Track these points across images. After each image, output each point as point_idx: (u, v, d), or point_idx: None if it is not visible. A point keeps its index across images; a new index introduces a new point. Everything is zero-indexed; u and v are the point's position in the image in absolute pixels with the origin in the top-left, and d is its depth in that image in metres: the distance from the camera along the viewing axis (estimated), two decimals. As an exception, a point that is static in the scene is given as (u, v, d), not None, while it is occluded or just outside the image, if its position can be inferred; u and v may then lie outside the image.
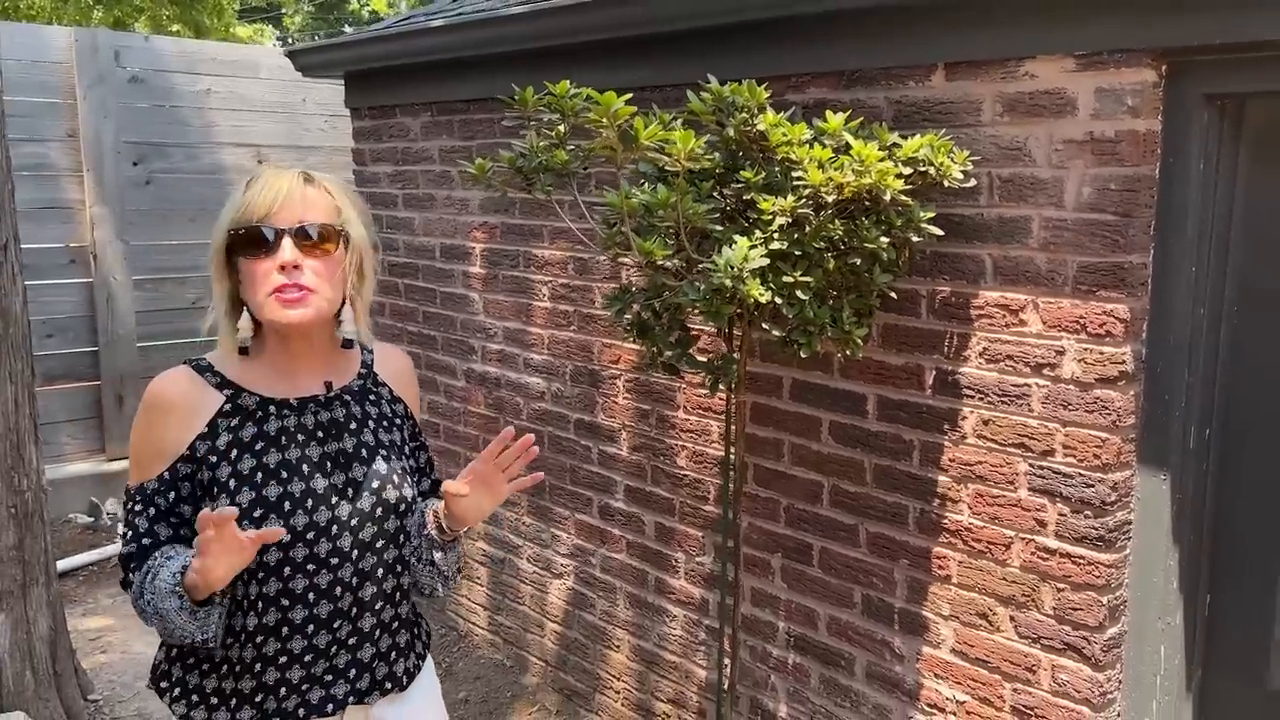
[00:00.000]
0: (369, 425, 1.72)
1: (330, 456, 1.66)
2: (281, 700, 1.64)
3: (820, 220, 1.92)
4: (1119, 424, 2.02)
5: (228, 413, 1.62)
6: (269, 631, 1.61)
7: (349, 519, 1.64)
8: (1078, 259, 2.03)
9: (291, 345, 1.65)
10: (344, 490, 1.65)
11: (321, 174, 1.67)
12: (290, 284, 1.56)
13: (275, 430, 1.63)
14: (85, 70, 5.26)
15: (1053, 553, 2.13)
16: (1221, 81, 1.90)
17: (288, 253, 1.55)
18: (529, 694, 3.58)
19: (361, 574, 1.66)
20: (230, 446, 1.60)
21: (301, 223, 1.58)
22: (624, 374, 3.11)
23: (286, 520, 1.59)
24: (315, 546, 1.61)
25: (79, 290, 5.35)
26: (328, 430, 1.67)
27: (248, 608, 1.61)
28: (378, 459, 1.70)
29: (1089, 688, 2.12)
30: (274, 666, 1.63)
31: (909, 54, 2.25)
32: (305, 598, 1.62)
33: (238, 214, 1.59)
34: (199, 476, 1.59)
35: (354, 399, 1.72)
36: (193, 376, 1.64)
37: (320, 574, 1.62)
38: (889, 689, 2.49)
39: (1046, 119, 2.05)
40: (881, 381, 2.40)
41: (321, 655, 1.65)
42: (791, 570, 2.67)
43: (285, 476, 1.61)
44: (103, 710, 3.54)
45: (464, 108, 3.57)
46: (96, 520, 5.25)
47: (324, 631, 1.64)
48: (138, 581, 1.58)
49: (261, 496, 1.58)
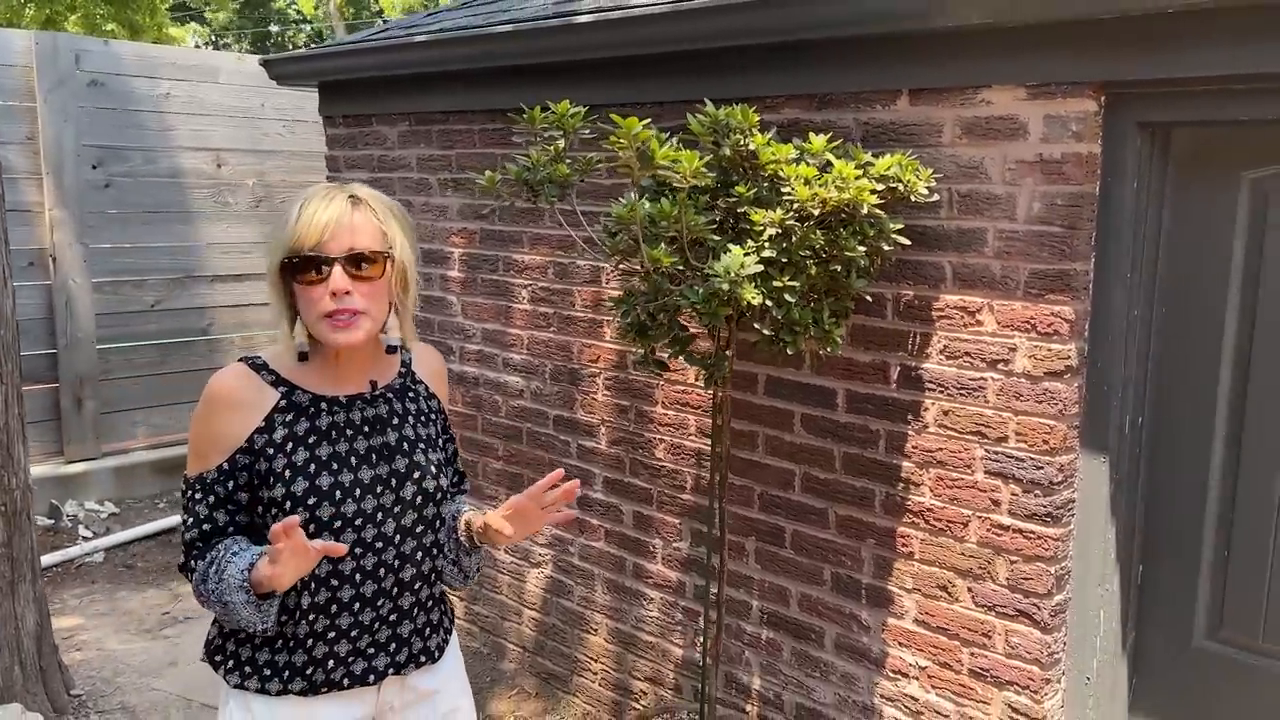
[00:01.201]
0: (409, 421, 1.88)
1: (375, 449, 1.82)
2: (330, 672, 1.79)
3: (805, 231, 2.14)
4: (1064, 412, 2.28)
5: (283, 408, 1.76)
6: (320, 609, 1.77)
7: (392, 507, 1.80)
8: (1028, 266, 2.28)
9: (340, 351, 1.79)
10: (388, 480, 1.81)
11: (367, 192, 1.79)
12: (341, 309, 1.69)
13: (326, 425, 1.78)
14: (45, 74, 5.27)
15: (1006, 529, 2.39)
16: (1152, 111, 2.17)
17: (338, 280, 1.69)
18: (507, 679, 3.75)
19: (402, 557, 1.83)
20: (286, 440, 1.74)
21: (351, 250, 1.70)
22: (603, 372, 3.31)
23: (338, 507, 1.74)
24: (362, 532, 1.77)
25: (38, 293, 5.35)
26: (373, 425, 1.83)
27: (300, 588, 1.75)
28: (417, 451, 1.86)
29: (1038, 649, 2.37)
30: (323, 641, 1.78)
31: (876, 80, 2.49)
32: (353, 578, 1.78)
33: (293, 240, 1.70)
34: (256, 467, 1.73)
35: (395, 396, 1.88)
36: (250, 374, 1.78)
37: (366, 557, 1.78)
38: (857, 658, 2.72)
39: (1001, 141, 2.30)
40: (850, 377, 2.64)
41: (366, 631, 1.81)
42: (765, 552, 2.90)
43: (336, 468, 1.76)
44: (86, 705, 3.61)
45: (443, 118, 3.73)
46: (57, 522, 5.26)
47: (369, 609, 1.80)
48: (201, 568, 1.72)
49: (314, 486, 1.73)
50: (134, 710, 3.59)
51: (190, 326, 5.91)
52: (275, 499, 1.72)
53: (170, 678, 3.83)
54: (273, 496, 1.72)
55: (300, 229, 1.69)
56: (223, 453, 1.73)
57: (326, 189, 1.77)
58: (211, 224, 5.99)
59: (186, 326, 5.91)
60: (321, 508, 1.73)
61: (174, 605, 4.49)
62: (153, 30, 13.49)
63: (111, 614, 4.40)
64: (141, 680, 3.80)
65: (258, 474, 1.74)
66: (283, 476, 1.73)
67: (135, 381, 5.77)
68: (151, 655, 4.01)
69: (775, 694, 2.93)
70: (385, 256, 1.74)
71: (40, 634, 3.46)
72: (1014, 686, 2.42)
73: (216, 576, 1.69)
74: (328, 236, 1.69)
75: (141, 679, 3.81)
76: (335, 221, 1.70)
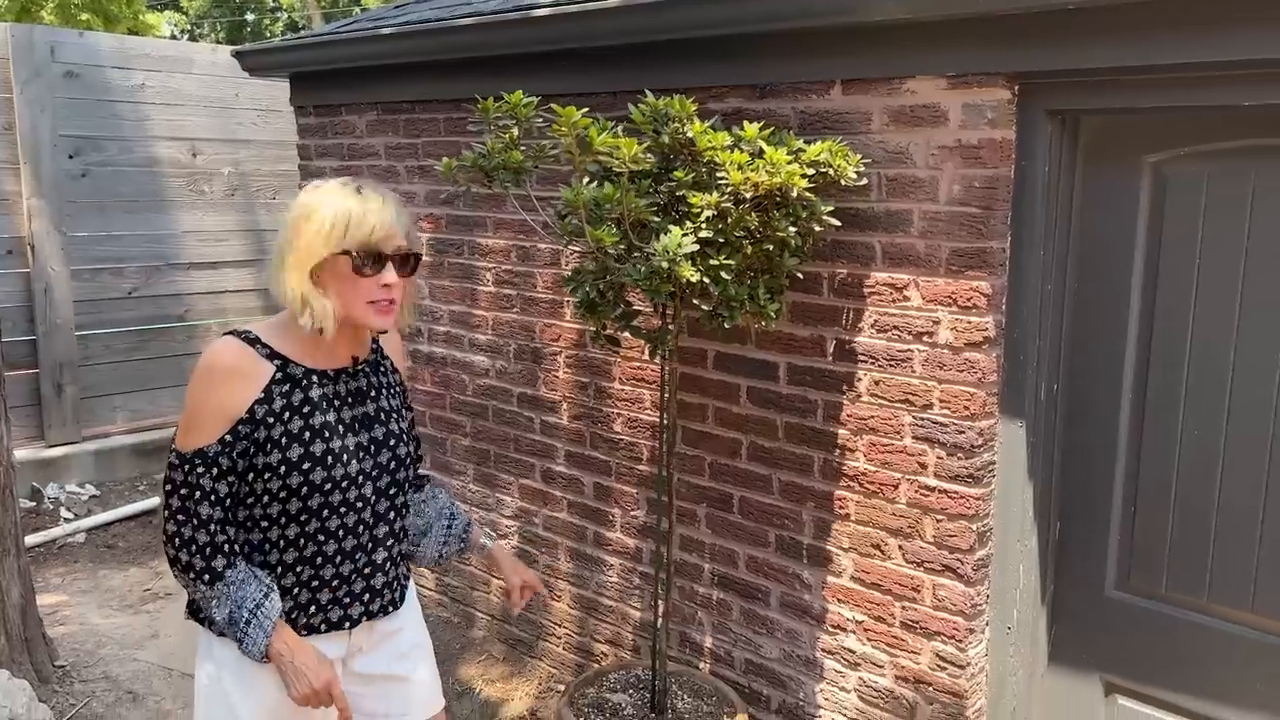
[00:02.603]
0: (383, 393, 2.05)
1: (358, 419, 1.98)
2: (310, 617, 1.96)
3: (740, 213, 2.30)
4: (984, 381, 2.46)
5: (279, 380, 1.90)
6: (306, 562, 1.93)
7: (371, 470, 1.97)
8: (950, 244, 2.45)
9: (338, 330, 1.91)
10: (368, 447, 1.98)
11: (381, 188, 1.92)
12: (387, 298, 1.87)
13: (318, 396, 1.93)
14: (21, 65, 5.37)
15: (932, 490, 2.56)
16: (1060, 100, 2.35)
17: (392, 276, 1.86)
18: (476, 645, 3.92)
19: (377, 515, 2.00)
20: (284, 409, 1.89)
21: (399, 249, 1.88)
22: (564, 351, 3.47)
23: (328, 471, 1.90)
24: (346, 493, 1.93)
25: (17, 280, 5.46)
26: (355, 397, 1.99)
27: (286, 544, 1.92)
28: (391, 421, 2.04)
29: (963, 601, 2.55)
30: (306, 589, 1.95)
31: (812, 71, 2.65)
32: (336, 534, 1.94)
33: (357, 235, 1.82)
34: (255, 435, 1.86)
35: (371, 370, 2.05)
36: (245, 348, 1.90)
37: (348, 515, 1.95)
38: (799, 615, 2.90)
39: (924, 128, 2.47)
40: (791, 351, 2.81)
41: (344, 582, 1.98)
42: (715, 517, 3.07)
43: (327, 435, 1.92)
44: (70, 675, 3.75)
45: (409, 107, 3.87)
46: (39, 504, 5.38)
47: (348, 562, 1.97)
48: (220, 565, 1.85)
49: (308, 452, 1.89)
50: (116, 679, 3.74)
51: (167, 313, 6.03)
52: (271, 464, 1.87)
53: (151, 649, 3.97)
54: (268, 462, 1.87)
55: (363, 227, 1.83)
56: (225, 423, 1.85)
57: (363, 188, 1.88)
58: (187, 212, 6.10)
59: (164, 313, 6.02)
60: (314, 472, 1.89)
61: (155, 582, 4.63)
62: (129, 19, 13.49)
63: (94, 591, 4.54)
64: (124, 652, 3.94)
65: (255, 441, 1.86)
66: (279, 443, 1.87)
67: (114, 367, 5.89)
68: (133, 629, 4.15)
69: (726, 651, 3.10)
70: (419, 258, 1.95)
71: (25, 607, 3.59)
72: (941, 637, 2.60)
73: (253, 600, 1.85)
74: (386, 234, 1.86)
75: (124, 651, 3.95)
76: (392, 222, 1.87)
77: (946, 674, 2.60)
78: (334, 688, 1.85)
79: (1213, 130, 2.24)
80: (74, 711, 3.50)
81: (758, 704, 3.03)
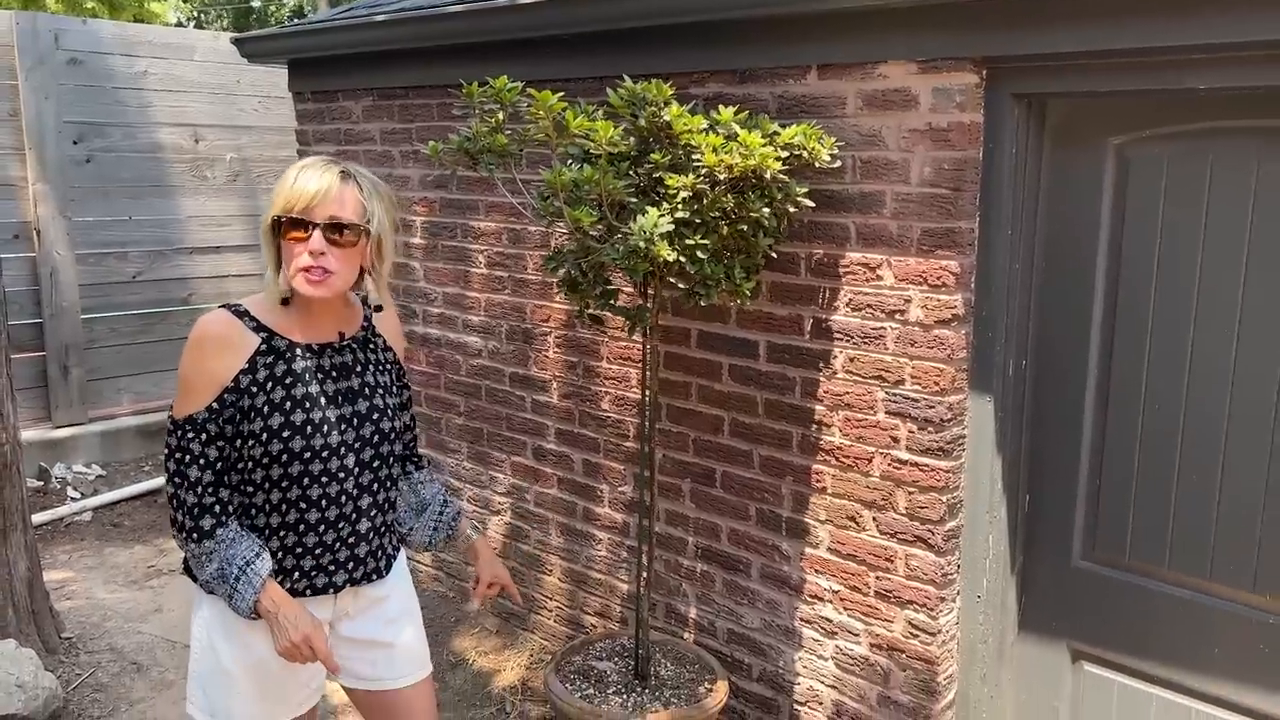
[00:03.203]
0: (370, 369, 2.13)
1: (341, 392, 2.07)
2: (295, 582, 2.05)
3: (715, 194, 2.38)
4: (953, 357, 2.53)
5: (264, 352, 1.99)
6: (289, 528, 2.02)
7: (354, 442, 2.06)
8: (920, 225, 2.53)
9: (314, 304, 2.02)
10: (350, 419, 2.06)
11: (358, 170, 2.01)
12: (316, 266, 1.93)
13: (301, 369, 2.02)
14: (26, 52, 5.46)
15: (905, 463, 2.65)
16: (1027, 84, 2.42)
17: (316, 243, 1.92)
18: (470, 619, 4.02)
19: (360, 486, 2.08)
20: (267, 380, 1.98)
21: (331, 219, 1.93)
22: (554, 331, 3.55)
23: (308, 440, 1.99)
24: (328, 463, 2.02)
25: (24, 265, 5.56)
26: (340, 371, 2.08)
27: (270, 510, 2.01)
28: (376, 396, 2.12)
29: (934, 570, 2.64)
30: (292, 555, 2.04)
31: (789, 56, 2.72)
32: (319, 503, 2.03)
33: (285, 201, 1.92)
34: (240, 403, 1.96)
35: (359, 347, 2.13)
36: (234, 320, 1.99)
37: (330, 485, 2.03)
38: (779, 585, 2.99)
39: (896, 112, 2.54)
40: (770, 329, 2.89)
41: (328, 549, 2.07)
42: (699, 492, 3.16)
43: (308, 406, 2.01)
44: (76, 646, 3.86)
45: (403, 93, 3.95)
46: (46, 484, 5.49)
47: (331, 530, 2.06)
48: (208, 524, 1.94)
49: (289, 421, 1.98)
50: (121, 650, 3.85)
51: (171, 297, 6.13)
52: (254, 431, 1.96)
53: (155, 622, 4.08)
54: (252, 429, 1.96)
55: (293, 193, 1.92)
56: (213, 390, 1.95)
57: (325, 161, 1.99)
58: (190, 198, 6.19)
59: (167, 297, 6.12)
60: (294, 440, 1.98)
61: (159, 559, 4.74)
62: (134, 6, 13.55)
63: (100, 568, 4.65)
64: (128, 625, 4.06)
65: (240, 409, 1.96)
66: (262, 412, 1.96)
67: (119, 350, 6.00)
68: (137, 604, 4.26)
69: (709, 621, 3.20)
70: (362, 229, 1.97)
71: (31, 580, 3.70)
72: (914, 605, 2.69)
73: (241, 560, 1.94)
74: (315, 203, 1.92)
75: (128, 624, 4.06)
76: (324, 191, 1.93)
77: (919, 641, 2.69)
78: (314, 641, 1.93)
79: (1172, 113, 2.31)
80: (80, 681, 3.62)
81: (739, 672, 3.12)
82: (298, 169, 1.97)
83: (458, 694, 3.54)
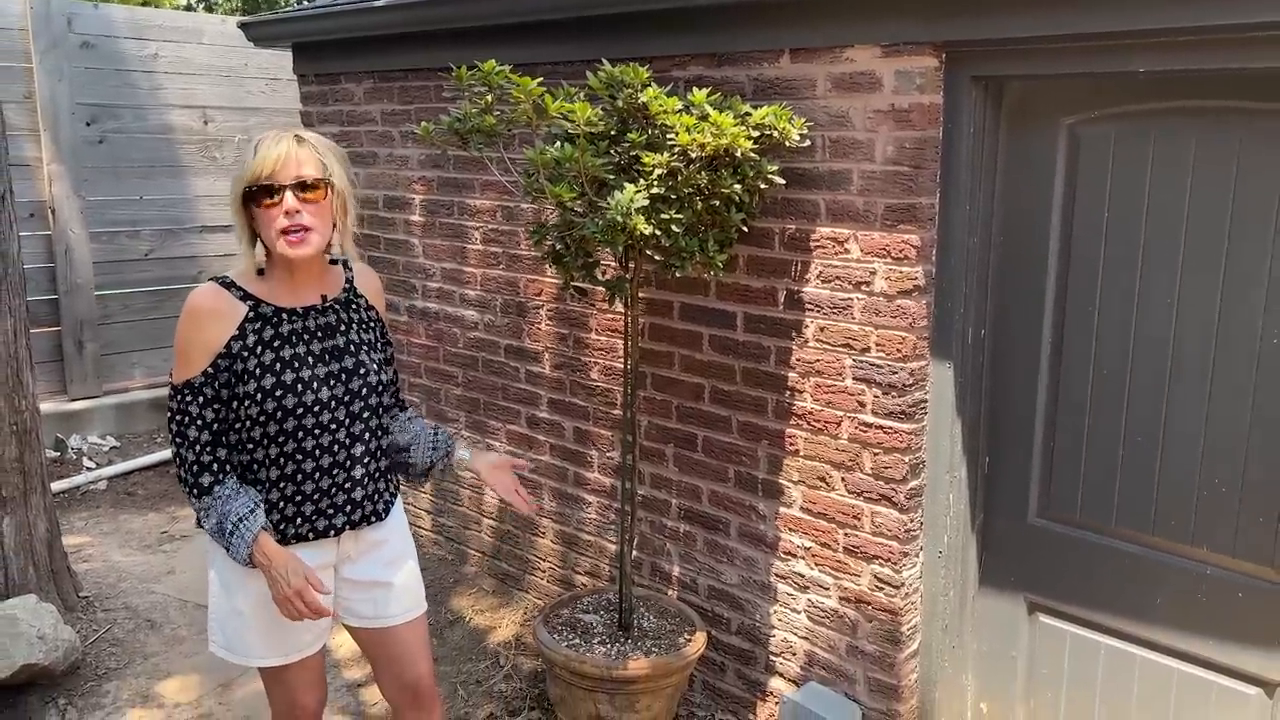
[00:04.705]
0: (354, 327, 2.30)
1: (327, 350, 2.23)
2: (298, 527, 2.23)
3: (689, 172, 2.53)
4: (915, 325, 2.69)
5: (252, 319, 2.16)
6: (288, 479, 2.20)
7: (343, 396, 2.23)
8: (884, 201, 2.68)
9: (295, 270, 2.20)
10: (338, 375, 2.23)
11: (309, 134, 2.18)
12: (293, 225, 2.09)
13: (287, 331, 2.19)
14: (40, 36, 5.62)
15: (870, 426, 2.81)
16: (984, 67, 2.56)
17: (290, 201, 2.08)
18: (468, 580, 4.21)
19: (352, 436, 2.25)
20: (256, 344, 2.15)
21: (297, 178, 2.09)
22: (545, 304, 3.72)
23: (299, 397, 2.16)
24: (319, 416, 2.19)
25: (39, 242, 5.74)
26: (324, 331, 2.24)
27: (269, 462, 2.18)
28: (361, 353, 2.28)
29: (898, 527, 2.80)
30: (291, 503, 2.22)
31: (764, 41, 2.86)
32: (313, 453, 2.20)
33: (251, 172, 2.09)
34: (234, 368, 2.13)
35: (341, 307, 2.30)
36: (222, 291, 2.17)
37: (323, 436, 2.20)
38: (755, 543, 3.16)
39: (862, 93, 2.69)
40: (746, 301, 3.04)
41: (325, 495, 2.24)
42: (681, 456, 3.32)
43: (296, 366, 2.18)
44: (93, 604, 4.06)
45: (403, 76, 4.10)
46: (63, 454, 5.70)
47: (326, 478, 2.23)
48: (207, 481, 2.13)
49: (280, 381, 2.15)
50: (136, 609, 4.05)
51: (182, 274, 6.31)
52: (249, 392, 2.13)
53: (168, 583, 4.28)
54: (246, 390, 2.13)
55: (257, 164, 2.09)
56: (207, 357, 2.12)
57: (276, 131, 2.16)
58: (200, 178, 6.37)
59: (178, 274, 6.31)
60: (285, 398, 2.15)
61: (171, 526, 4.94)
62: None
63: (115, 533, 4.85)
64: (142, 585, 4.25)
65: (234, 373, 2.14)
66: (254, 374, 2.14)
67: (132, 325, 6.19)
68: (151, 566, 4.46)
69: (691, 579, 3.37)
70: (325, 183, 2.13)
71: (51, 541, 3.90)
72: (879, 560, 2.86)
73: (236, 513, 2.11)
74: (279, 168, 2.08)
75: (142, 584, 4.26)
76: (284, 155, 2.08)
77: (884, 594, 2.86)
78: (306, 595, 2.10)
79: (1118, 95, 2.45)
80: (97, 636, 3.81)
81: (720, 626, 3.30)
82: (255, 143, 2.12)
83: (455, 649, 3.73)
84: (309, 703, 2.40)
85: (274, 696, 2.40)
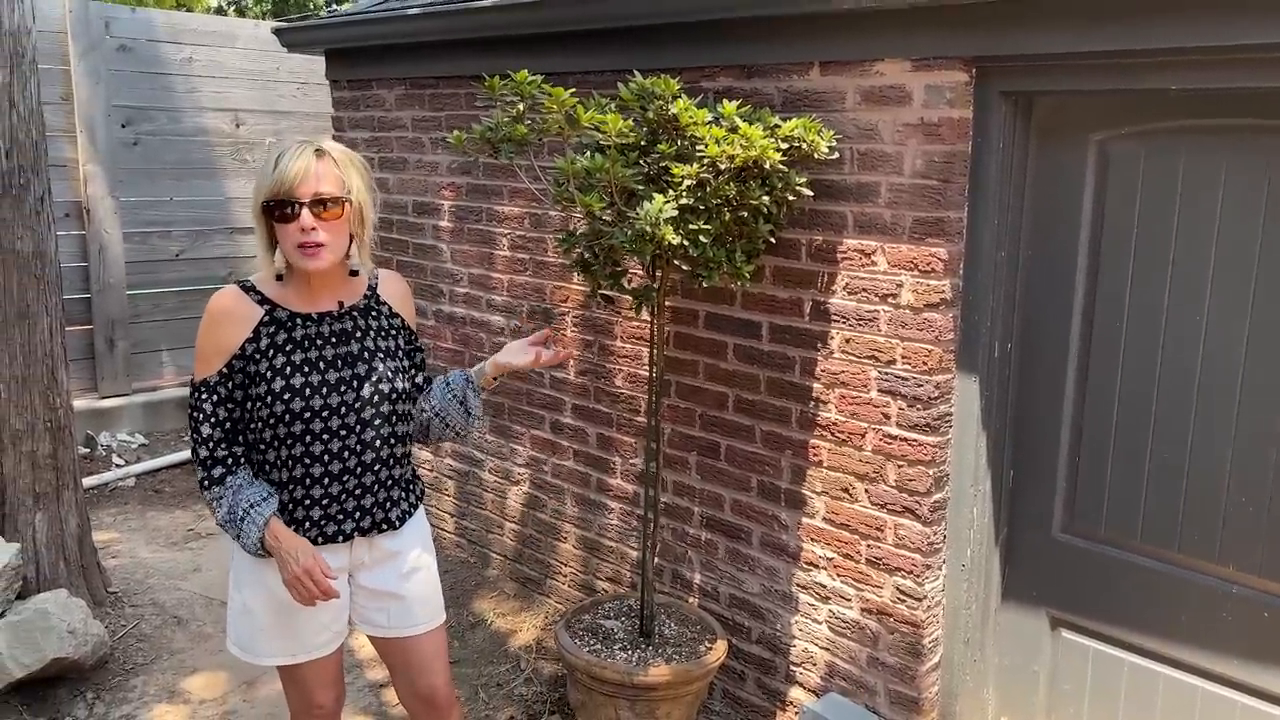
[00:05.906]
0: (371, 334, 2.31)
1: (340, 356, 2.25)
2: (307, 531, 2.25)
3: (718, 183, 2.55)
4: (941, 339, 2.70)
5: (267, 322, 2.19)
6: (297, 482, 2.22)
7: (354, 402, 2.24)
8: (912, 214, 2.69)
9: (312, 277, 2.22)
10: (350, 381, 2.25)
11: (331, 145, 2.19)
12: (308, 242, 2.12)
13: (301, 336, 2.22)
14: (78, 39, 5.72)
15: (894, 438, 2.81)
16: (1014, 82, 2.56)
17: (306, 220, 2.11)
18: (490, 583, 4.23)
19: (363, 443, 2.26)
20: (269, 347, 2.18)
21: (315, 195, 2.11)
22: (572, 311, 3.74)
23: (308, 401, 2.18)
24: (329, 421, 2.21)
25: (74, 242, 5.83)
26: (339, 337, 2.26)
27: (280, 464, 2.22)
28: (376, 359, 2.29)
29: (921, 540, 2.81)
30: (301, 507, 2.24)
31: (793, 54, 2.88)
32: (322, 458, 2.22)
33: (271, 186, 2.11)
34: (248, 369, 2.17)
35: (359, 314, 2.32)
36: (241, 294, 2.21)
37: (333, 441, 2.22)
38: (777, 553, 3.17)
39: (891, 107, 2.70)
40: (772, 311, 3.06)
41: (335, 500, 2.26)
42: (704, 464, 3.34)
43: (308, 370, 2.20)
44: (121, 599, 4.12)
45: (434, 83, 4.15)
46: (93, 451, 5.78)
47: (336, 483, 2.25)
48: (219, 473, 2.17)
49: (290, 384, 2.18)
50: (163, 605, 4.10)
51: (212, 275, 6.39)
52: (261, 394, 2.17)
53: (194, 580, 4.34)
54: (258, 392, 2.17)
55: (277, 177, 2.11)
56: (223, 357, 2.17)
57: (298, 143, 2.17)
58: (231, 180, 6.45)
59: (209, 275, 6.38)
60: (295, 401, 2.18)
61: (198, 523, 5.00)
62: (189, -1, 13.83)
63: (143, 530, 4.92)
64: (169, 582, 4.31)
65: (248, 375, 2.18)
66: (266, 376, 2.17)
67: (162, 324, 6.28)
68: (178, 563, 4.52)
69: (713, 587, 3.38)
70: (343, 201, 2.16)
71: (81, 536, 3.96)
72: (901, 572, 2.86)
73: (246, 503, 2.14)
74: (298, 184, 2.10)
75: (169, 581, 4.32)
76: (304, 171, 2.11)
77: (906, 606, 2.86)
78: (314, 573, 2.11)
79: (1148, 112, 2.45)
80: (125, 631, 3.87)
81: (740, 635, 3.31)
82: (276, 155, 2.14)
83: (476, 651, 3.76)
84: (325, 701, 2.42)
85: (290, 694, 2.43)
